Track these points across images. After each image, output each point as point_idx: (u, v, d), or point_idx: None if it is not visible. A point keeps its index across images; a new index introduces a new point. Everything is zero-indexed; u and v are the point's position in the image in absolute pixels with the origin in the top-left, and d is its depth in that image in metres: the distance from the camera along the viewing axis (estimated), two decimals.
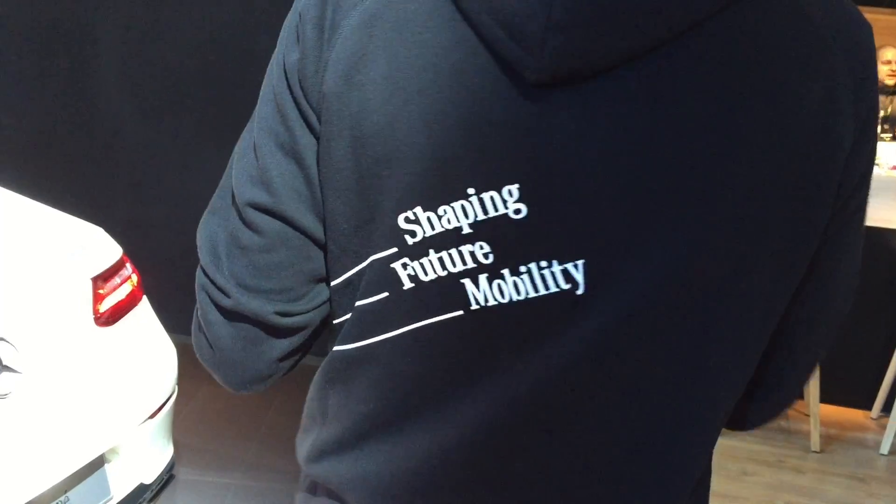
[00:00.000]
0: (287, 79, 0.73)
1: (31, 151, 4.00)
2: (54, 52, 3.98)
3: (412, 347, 0.71)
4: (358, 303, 0.73)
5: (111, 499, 1.96)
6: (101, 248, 2.12)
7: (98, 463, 1.92)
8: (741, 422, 0.83)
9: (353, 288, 0.74)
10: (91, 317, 1.99)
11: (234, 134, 0.84)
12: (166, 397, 2.18)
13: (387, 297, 0.71)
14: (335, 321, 0.78)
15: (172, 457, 2.26)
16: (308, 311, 0.78)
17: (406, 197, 0.68)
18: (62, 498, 1.81)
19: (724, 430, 0.79)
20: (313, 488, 0.84)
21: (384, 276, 0.70)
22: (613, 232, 0.64)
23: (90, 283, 2.01)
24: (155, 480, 2.12)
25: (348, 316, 0.75)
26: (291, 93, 0.72)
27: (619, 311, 0.65)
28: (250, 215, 0.75)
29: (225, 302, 0.77)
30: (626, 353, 0.66)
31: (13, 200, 2.20)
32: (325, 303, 0.78)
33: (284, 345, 0.79)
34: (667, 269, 0.64)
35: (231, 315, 0.77)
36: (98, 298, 2.03)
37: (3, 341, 1.69)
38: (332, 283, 0.76)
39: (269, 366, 0.80)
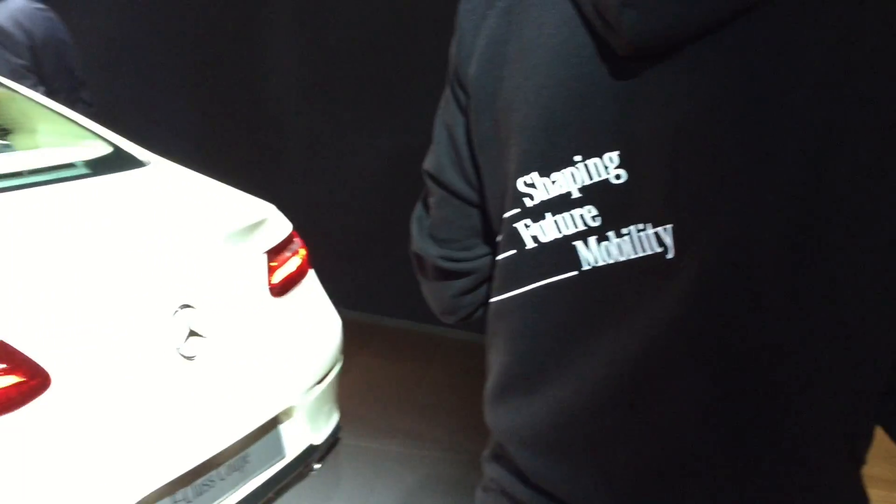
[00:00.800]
0: (450, 66, 0.85)
1: (211, 136, 4.30)
2: (225, 43, 4.24)
3: (537, 305, 0.78)
4: (497, 258, 0.83)
5: (284, 458, 2.08)
6: (274, 223, 2.25)
7: (273, 423, 2.05)
8: None
9: None
10: (266, 287, 2.13)
11: (392, 116, 0.93)
12: (333, 364, 2.30)
13: (515, 254, 0.79)
14: None
15: (338, 421, 2.38)
16: (471, 260, 0.91)
17: (524, 163, 0.76)
18: (242, 454, 1.95)
19: None
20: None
21: (512, 235, 0.79)
22: (697, 196, 0.68)
23: (265, 257, 2.14)
24: (323, 442, 2.24)
25: None
26: (450, 77, 0.85)
27: (703, 274, 0.68)
28: (428, 180, 0.92)
29: (412, 246, 0.95)
30: (714, 314, 0.69)
31: (198, 180, 2.37)
32: (487, 255, 0.90)
33: (458, 285, 0.93)
34: (745, 231, 0.66)
35: (417, 257, 0.96)
36: (271, 270, 2.16)
37: (191, 308, 1.84)
38: (497, 240, 0.84)
39: (450, 301, 0.95)
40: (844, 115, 0.63)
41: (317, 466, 2.22)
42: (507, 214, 0.79)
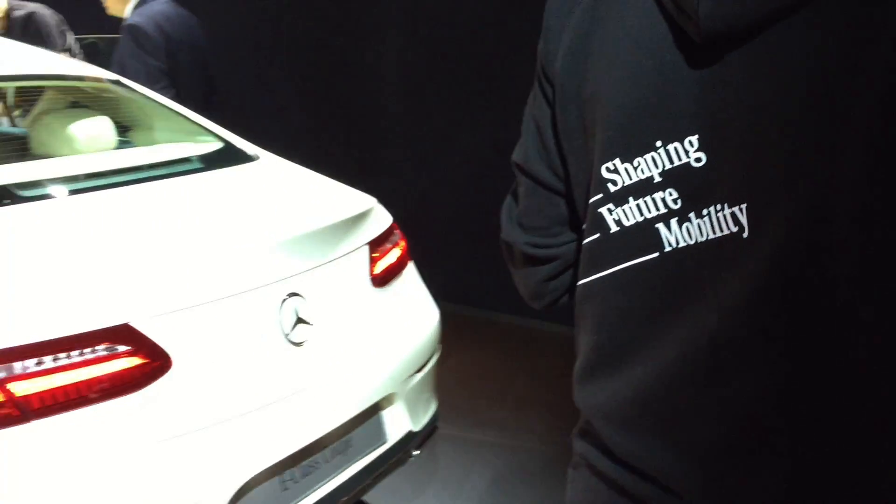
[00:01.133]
0: (537, 62, 0.90)
1: (317, 133, 4.44)
2: (330, 44, 4.36)
3: (620, 286, 0.82)
4: (583, 242, 0.87)
5: (385, 443, 2.15)
6: (375, 215, 2.31)
7: (374, 409, 2.11)
8: None
9: None
10: (368, 278, 2.19)
11: (489, 112, 0.98)
12: (431, 354, 2.35)
13: (599, 237, 0.84)
14: None
15: (436, 409, 2.42)
16: (556, 246, 0.96)
17: (607, 150, 0.81)
18: (346, 438, 2.02)
19: None
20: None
21: (596, 219, 0.83)
22: (769, 176, 0.70)
23: (367, 248, 2.21)
24: (422, 429, 2.29)
25: None
26: (537, 72, 0.90)
27: (775, 252, 0.70)
28: (517, 171, 0.97)
29: (502, 234, 1.01)
30: (786, 292, 0.70)
31: (303, 174, 2.46)
32: (571, 242, 0.94)
33: (544, 270, 0.98)
34: (816, 210, 0.68)
35: (506, 244, 1.01)
36: (373, 261, 2.22)
37: (299, 297, 1.91)
38: (583, 227, 0.89)
39: (537, 287, 1.00)
40: None
41: (415, 453, 2.27)
42: (591, 200, 0.84)
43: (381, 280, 2.24)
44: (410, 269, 2.43)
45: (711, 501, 0.78)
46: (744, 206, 0.72)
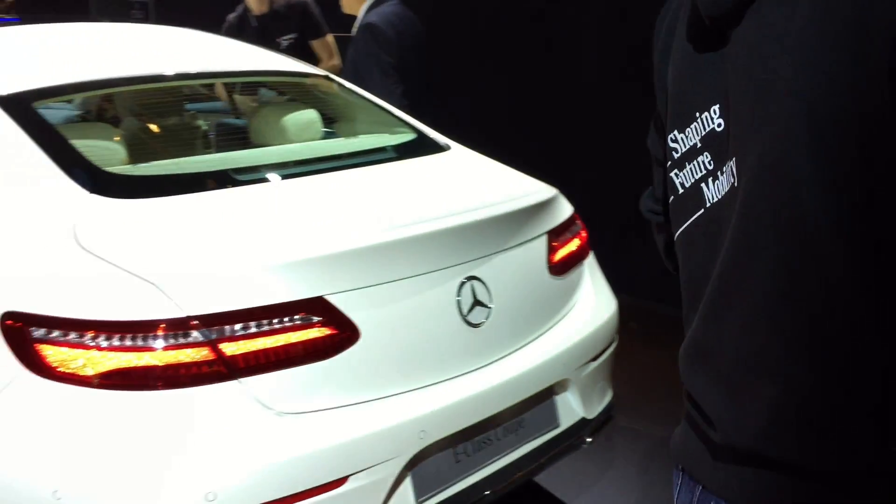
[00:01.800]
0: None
1: (506, 126, 4.53)
2: (519, 40, 4.44)
3: (688, 241, 0.96)
4: (668, 203, 1.01)
5: (558, 427, 2.20)
6: (557, 206, 2.37)
7: (548, 393, 2.18)
8: None
9: None
10: (546, 266, 2.25)
11: None
12: (608, 344, 2.37)
13: (673, 199, 0.99)
14: None
15: (612, 399, 2.44)
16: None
17: (670, 123, 0.97)
18: (518, 418, 2.10)
19: None
20: None
21: (670, 183, 0.98)
22: (742, 132, 0.83)
23: (546, 237, 2.27)
24: (596, 418, 2.32)
25: None
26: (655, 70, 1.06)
27: (743, 198, 0.83)
28: (650, 153, 1.15)
29: (640, 204, 1.20)
30: (751, 232, 0.82)
31: (490, 165, 2.56)
32: None
33: (665, 237, 1.13)
34: (765, 164, 0.80)
35: (643, 214, 1.20)
36: (552, 250, 2.28)
37: (478, 281, 2.01)
38: None
39: (665, 250, 1.15)
40: (854, 56, 0.74)
41: (588, 440, 2.30)
42: (666, 166, 0.99)
43: (560, 268, 2.29)
44: (590, 260, 2.47)
45: (726, 424, 0.89)
46: (734, 159, 0.85)
